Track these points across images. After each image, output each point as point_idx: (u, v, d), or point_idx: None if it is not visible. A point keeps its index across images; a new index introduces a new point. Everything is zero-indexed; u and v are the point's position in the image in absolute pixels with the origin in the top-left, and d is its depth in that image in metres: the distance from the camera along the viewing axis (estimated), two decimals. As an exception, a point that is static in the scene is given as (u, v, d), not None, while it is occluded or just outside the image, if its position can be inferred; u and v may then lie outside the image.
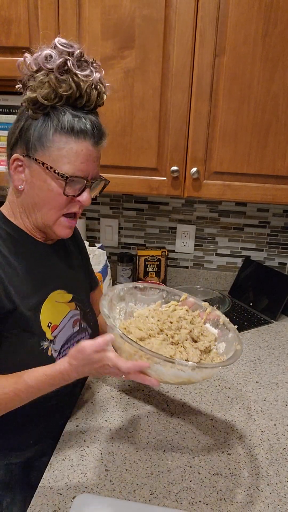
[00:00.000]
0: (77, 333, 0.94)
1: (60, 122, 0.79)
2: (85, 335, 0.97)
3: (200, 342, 0.85)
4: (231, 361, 0.79)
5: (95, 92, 0.82)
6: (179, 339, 0.83)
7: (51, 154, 0.80)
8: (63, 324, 0.91)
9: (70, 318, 0.93)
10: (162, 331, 0.85)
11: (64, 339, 0.90)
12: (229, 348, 0.87)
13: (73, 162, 0.81)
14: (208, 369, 0.77)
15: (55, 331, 0.88)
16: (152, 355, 0.73)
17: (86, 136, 0.81)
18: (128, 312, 0.95)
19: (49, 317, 0.88)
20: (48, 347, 0.86)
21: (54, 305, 0.90)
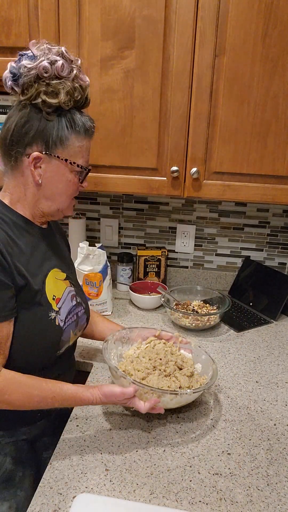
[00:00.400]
0: (75, 306, 1.06)
1: (76, 123, 0.93)
2: (81, 309, 1.09)
3: (184, 369, 1.07)
4: (214, 380, 1.03)
5: (87, 92, 0.96)
6: (170, 371, 1.05)
7: (70, 151, 0.93)
8: (64, 297, 1.02)
9: (68, 293, 1.04)
10: (155, 368, 1.06)
11: (67, 310, 1.02)
12: (206, 368, 1.10)
13: (85, 156, 0.97)
14: (200, 391, 0.99)
15: (59, 303, 0.99)
16: (161, 392, 0.95)
17: (91, 133, 0.97)
18: (118, 355, 1.15)
19: (53, 291, 0.98)
20: (55, 317, 0.97)
21: (55, 281, 1.00)
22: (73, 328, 1.04)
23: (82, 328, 1.11)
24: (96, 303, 1.56)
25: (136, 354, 1.13)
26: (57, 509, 0.79)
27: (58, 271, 1.03)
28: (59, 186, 0.96)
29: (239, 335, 1.49)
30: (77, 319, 1.06)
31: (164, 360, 1.07)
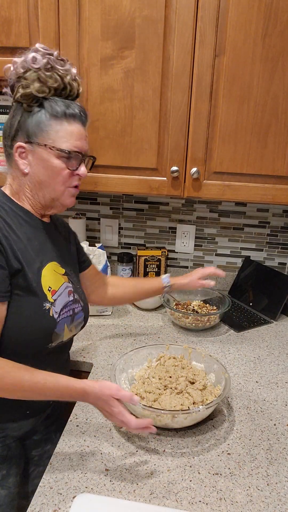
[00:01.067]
0: (72, 302, 1.04)
1: (53, 108, 0.93)
2: (79, 306, 1.07)
3: (196, 383, 1.05)
4: (227, 391, 1.00)
5: (75, 84, 0.97)
6: (181, 388, 1.03)
7: (50, 137, 0.93)
8: (60, 291, 1.01)
9: (65, 287, 1.03)
10: (166, 387, 1.04)
11: (63, 303, 1.00)
12: (219, 378, 1.09)
13: (69, 140, 0.94)
14: (213, 406, 0.97)
15: (55, 295, 0.98)
16: (173, 413, 0.94)
17: (76, 118, 0.95)
18: (129, 378, 1.13)
19: (49, 282, 0.97)
20: (50, 308, 0.96)
21: (53, 273, 1.00)
22: (68, 322, 1.02)
23: (79, 326, 1.09)
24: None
25: (146, 374, 1.11)
26: (57, 509, 0.79)
27: (57, 265, 1.03)
28: (45, 173, 0.95)
29: (239, 335, 1.49)
30: (73, 314, 1.05)
31: (174, 377, 1.06)
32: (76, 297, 1.07)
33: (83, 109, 0.98)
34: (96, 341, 1.39)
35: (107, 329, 1.49)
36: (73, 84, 0.97)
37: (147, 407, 0.93)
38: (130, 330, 1.49)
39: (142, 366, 1.17)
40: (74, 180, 0.99)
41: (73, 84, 0.96)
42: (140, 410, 0.95)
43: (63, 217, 1.86)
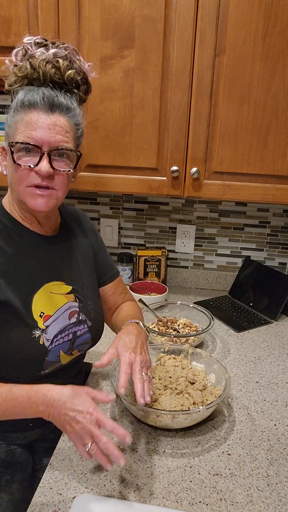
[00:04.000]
0: (74, 325, 0.97)
1: (15, 101, 0.85)
2: (83, 328, 0.99)
3: (196, 383, 1.04)
4: (227, 391, 0.99)
5: (49, 66, 0.84)
6: (181, 388, 1.02)
7: (11, 131, 0.85)
8: (57, 315, 0.93)
9: (66, 309, 0.95)
10: (166, 387, 1.03)
11: (58, 329, 0.93)
12: (219, 378, 1.08)
13: (23, 131, 0.83)
14: (214, 406, 0.96)
15: (48, 321, 0.91)
16: (173, 414, 0.93)
17: (36, 105, 0.83)
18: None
19: (42, 307, 0.90)
20: (40, 336, 0.89)
21: (48, 296, 0.92)
22: (65, 348, 0.95)
23: (84, 347, 1.02)
24: (96, 303, 1.55)
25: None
26: (57, 509, 0.78)
27: (60, 284, 0.95)
28: (10, 172, 0.87)
29: (239, 335, 1.49)
30: (74, 338, 0.97)
31: (174, 378, 1.05)
32: (82, 317, 0.99)
33: (48, 94, 0.83)
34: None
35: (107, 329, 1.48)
36: (46, 67, 0.84)
37: (146, 408, 0.93)
38: (130, 330, 1.48)
39: None
40: (33, 178, 0.84)
41: (46, 67, 0.83)
42: (140, 410, 0.95)
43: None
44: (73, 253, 1.02)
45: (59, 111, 0.84)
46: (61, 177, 0.87)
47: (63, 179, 0.88)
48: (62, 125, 0.85)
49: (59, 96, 0.85)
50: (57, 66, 0.85)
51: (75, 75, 0.88)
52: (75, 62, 0.88)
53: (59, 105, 0.84)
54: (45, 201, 0.86)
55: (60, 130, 0.84)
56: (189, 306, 1.53)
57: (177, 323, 1.49)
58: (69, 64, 0.87)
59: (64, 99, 0.86)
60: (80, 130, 0.92)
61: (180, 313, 1.54)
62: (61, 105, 0.85)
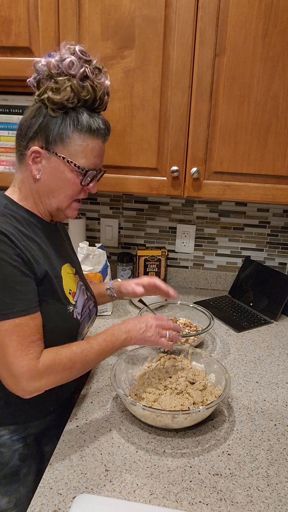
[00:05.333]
0: (87, 300, 1.08)
1: (79, 121, 0.91)
2: (92, 302, 1.11)
3: (196, 383, 1.05)
4: (227, 391, 1.00)
5: (106, 98, 0.95)
6: (181, 388, 1.03)
7: (70, 150, 0.92)
8: (78, 292, 1.04)
9: (80, 287, 1.06)
10: (166, 387, 1.05)
11: (82, 304, 1.04)
12: (219, 378, 1.08)
13: (88, 157, 0.93)
14: (214, 406, 0.96)
15: (75, 297, 1.02)
16: (173, 414, 0.93)
17: (99, 134, 0.94)
18: (129, 378, 1.12)
19: (69, 285, 1.00)
20: (73, 310, 0.99)
21: (69, 276, 1.02)
22: (87, 320, 1.06)
23: (93, 321, 1.13)
24: (96, 303, 1.56)
25: (146, 374, 1.11)
26: (57, 509, 0.78)
27: (70, 266, 1.05)
28: (57, 183, 0.94)
29: (239, 335, 1.49)
30: (90, 312, 1.08)
31: (174, 378, 1.06)
32: (89, 294, 1.11)
33: (107, 124, 0.96)
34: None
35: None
36: (104, 98, 0.95)
37: (147, 408, 0.93)
38: (130, 330, 1.48)
39: (142, 366, 1.17)
40: (82, 194, 0.99)
41: (104, 99, 0.94)
42: (140, 410, 0.95)
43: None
44: (64, 238, 1.13)
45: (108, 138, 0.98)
46: None
47: None
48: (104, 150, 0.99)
49: (106, 122, 0.97)
50: (108, 96, 0.97)
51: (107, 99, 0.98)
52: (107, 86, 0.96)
53: (109, 133, 0.98)
54: (76, 213, 1.02)
55: (103, 155, 0.99)
56: (189, 306, 1.53)
57: (177, 323, 1.49)
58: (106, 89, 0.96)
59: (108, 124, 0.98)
60: None
61: (180, 313, 1.54)
62: (109, 132, 0.97)
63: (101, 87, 0.92)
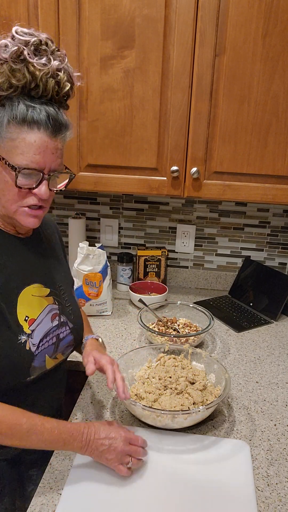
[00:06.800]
0: (57, 327, 0.95)
1: (13, 112, 0.77)
2: (66, 330, 0.97)
3: (196, 383, 1.04)
4: (227, 391, 0.99)
5: (52, 81, 0.78)
6: (181, 388, 1.02)
7: (5, 145, 0.79)
8: (41, 318, 0.91)
9: (48, 312, 0.93)
10: (166, 387, 1.04)
11: (43, 333, 0.90)
12: (219, 378, 1.08)
13: (26, 153, 0.78)
14: (213, 406, 0.96)
15: (33, 325, 0.88)
16: (173, 414, 0.93)
17: (40, 126, 0.78)
18: (129, 378, 1.11)
19: (26, 311, 0.88)
20: (26, 341, 0.86)
21: (31, 299, 0.89)
22: (50, 352, 0.92)
23: (67, 350, 0.99)
24: (96, 303, 1.56)
25: (146, 374, 1.10)
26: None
27: (39, 287, 0.92)
28: (1, 189, 0.83)
29: (239, 335, 1.49)
30: (57, 341, 0.94)
31: (174, 378, 1.05)
32: (63, 319, 0.97)
33: (53, 115, 0.79)
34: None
35: (107, 329, 1.49)
36: (48, 82, 0.77)
37: (147, 408, 0.93)
38: (130, 330, 1.48)
39: (142, 366, 1.17)
40: (31, 199, 0.83)
41: (47, 82, 0.77)
42: (140, 410, 0.95)
43: (61, 217, 1.86)
44: (47, 255, 0.99)
45: (61, 133, 0.82)
46: (51, 196, 0.86)
47: (51, 197, 0.87)
48: (61, 148, 0.83)
49: (59, 115, 0.81)
50: (58, 80, 0.79)
51: (70, 88, 0.82)
52: (69, 73, 0.82)
53: (61, 128, 0.81)
54: (37, 220, 0.86)
55: (60, 153, 0.83)
56: (189, 306, 1.53)
57: (177, 323, 1.49)
58: (68, 78, 0.81)
59: (63, 118, 0.82)
60: None
61: (180, 313, 1.54)
62: (63, 127, 0.82)
63: (42, 69, 0.76)
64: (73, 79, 0.83)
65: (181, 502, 0.80)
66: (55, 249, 1.04)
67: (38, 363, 0.89)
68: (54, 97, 0.80)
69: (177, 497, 0.81)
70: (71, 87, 0.82)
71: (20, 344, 0.85)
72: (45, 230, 1.01)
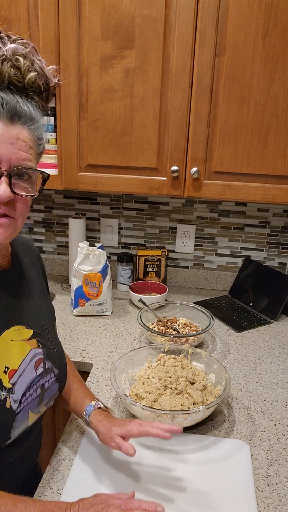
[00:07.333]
0: (41, 376, 0.81)
1: None
2: (51, 378, 0.84)
3: (196, 383, 1.04)
4: (227, 391, 0.99)
5: (7, 65, 0.67)
6: (181, 388, 1.02)
7: None
8: (23, 367, 0.77)
9: (31, 359, 0.79)
10: (166, 387, 1.03)
11: (25, 385, 0.77)
12: (219, 378, 1.08)
13: None
14: (213, 406, 0.96)
15: (14, 377, 0.74)
16: (173, 414, 0.92)
17: None
18: (129, 378, 1.11)
19: (5, 361, 0.74)
20: (6, 397, 0.72)
21: (10, 346, 0.75)
22: (33, 407, 0.79)
23: (51, 400, 0.86)
24: (96, 303, 1.56)
25: (146, 374, 1.10)
26: (57, 509, 0.78)
27: (20, 329, 0.78)
28: None
29: (239, 335, 1.49)
30: (42, 393, 0.81)
31: (174, 378, 1.05)
32: (48, 365, 0.83)
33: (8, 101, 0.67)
34: (96, 341, 1.39)
35: (107, 329, 1.49)
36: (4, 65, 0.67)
37: (147, 408, 0.93)
38: (130, 330, 1.49)
39: (142, 366, 1.17)
40: None
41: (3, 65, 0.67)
42: (140, 410, 0.95)
43: (61, 217, 1.87)
44: (28, 288, 0.85)
45: (22, 121, 0.69)
46: (22, 203, 0.71)
47: (24, 206, 0.72)
48: (25, 139, 0.69)
49: (20, 103, 0.69)
50: (17, 66, 0.68)
51: (37, 78, 0.71)
52: (36, 62, 0.72)
53: (22, 115, 0.68)
54: (2, 233, 0.69)
55: (23, 145, 0.69)
56: (189, 306, 1.53)
57: (177, 323, 1.49)
58: (30, 65, 0.70)
59: (27, 107, 0.70)
60: (42, 146, 0.76)
61: (180, 313, 1.54)
62: (24, 114, 0.69)
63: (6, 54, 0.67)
64: (44, 71, 0.73)
65: (181, 502, 0.80)
66: (37, 280, 0.90)
67: (20, 422, 0.75)
68: (15, 84, 0.69)
69: (177, 497, 0.81)
70: (39, 77, 0.72)
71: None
72: (26, 258, 0.88)
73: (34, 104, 0.73)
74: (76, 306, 1.56)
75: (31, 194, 0.72)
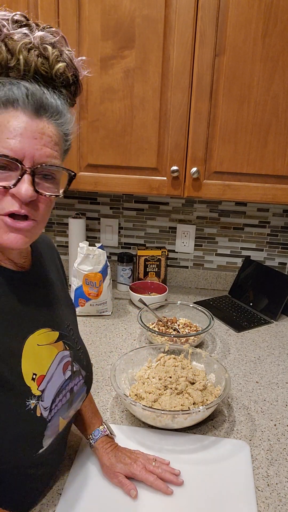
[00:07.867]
0: (70, 380, 0.77)
1: None
2: (79, 380, 0.80)
3: (196, 383, 1.04)
4: (227, 391, 1.00)
5: (34, 54, 0.62)
6: (181, 388, 1.03)
7: None
8: (51, 372, 0.73)
9: (59, 362, 0.75)
10: (166, 387, 1.04)
11: (55, 391, 0.73)
12: (219, 378, 1.08)
13: (8, 136, 0.60)
14: (213, 406, 0.96)
15: (42, 384, 0.70)
16: (173, 414, 0.93)
17: (16, 104, 0.60)
18: (129, 378, 1.12)
19: (33, 367, 0.69)
20: (35, 405, 0.68)
21: (37, 351, 0.71)
22: (63, 412, 0.74)
23: (80, 403, 0.82)
24: (96, 303, 1.56)
25: (146, 374, 1.10)
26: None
27: (47, 332, 0.74)
28: None
29: (239, 335, 1.49)
30: (71, 397, 0.77)
31: (174, 378, 1.05)
32: (76, 368, 0.79)
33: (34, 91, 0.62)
34: (96, 341, 1.39)
35: (107, 329, 1.49)
36: (30, 55, 0.61)
37: (147, 408, 0.93)
38: (130, 330, 1.49)
39: (142, 366, 1.17)
40: (10, 204, 0.61)
41: (27, 54, 0.61)
42: (140, 410, 0.95)
43: (61, 217, 1.87)
44: (51, 288, 0.81)
45: (48, 115, 0.63)
46: (45, 204, 0.65)
47: (47, 207, 0.66)
48: (51, 135, 0.63)
49: (47, 94, 0.63)
50: (45, 55, 0.63)
51: (66, 69, 0.65)
52: (65, 53, 0.66)
53: (48, 107, 0.63)
54: (22, 237, 0.64)
55: (48, 141, 0.62)
56: (189, 306, 1.53)
57: (177, 323, 1.49)
58: (59, 54, 0.65)
59: (54, 99, 0.64)
60: (69, 142, 0.70)
61: (180, 313, 1.54)
62: (51, 107, 0.63)
63: (21, 40, 0.61)
64: (73, 63, 0.68)
65: (181, 502, 0.80)
66: (58, 278, 0.86)
67: (51, 431, 0.71)
68: (42, 74, 0.63)
69: (177, 497, 0.81)
70: (68, 68, 0.66)
71: (29, 411, 0.67)
72: (45, 256, 0.83)
73: (62, 97, 0.66)
74: (76, 306, 1.56)
75: (56, 194, 0.66)
